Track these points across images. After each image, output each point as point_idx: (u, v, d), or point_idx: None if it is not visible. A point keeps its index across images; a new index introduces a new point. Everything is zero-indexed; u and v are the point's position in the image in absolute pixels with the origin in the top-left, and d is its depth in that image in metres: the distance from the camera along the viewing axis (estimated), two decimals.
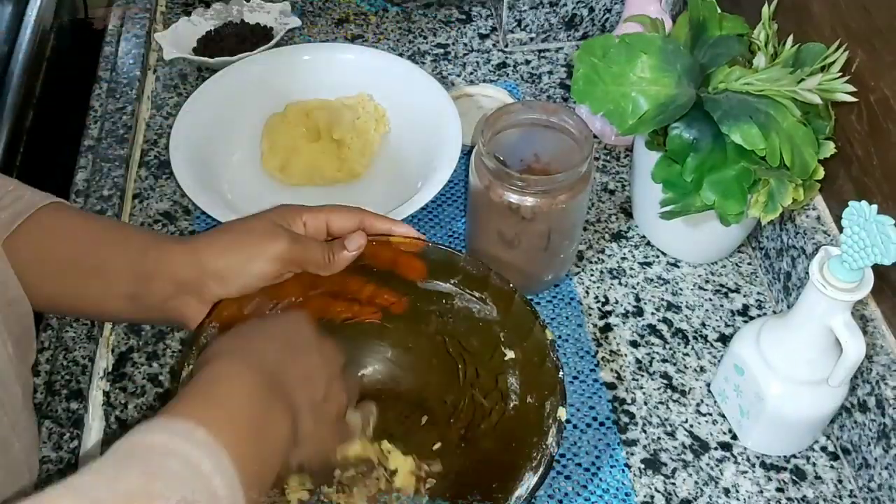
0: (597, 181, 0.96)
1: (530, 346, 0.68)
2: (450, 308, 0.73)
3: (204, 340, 0.64)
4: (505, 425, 0.69)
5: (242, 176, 0.94)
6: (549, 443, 0.62)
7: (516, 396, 0.69)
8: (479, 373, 0.72)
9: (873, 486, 0.71)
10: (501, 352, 0.70)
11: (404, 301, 0.73)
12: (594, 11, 1.08)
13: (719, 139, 0.75)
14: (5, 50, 1.04)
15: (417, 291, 0.73)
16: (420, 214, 0.91)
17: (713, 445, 0.76)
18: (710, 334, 0.83)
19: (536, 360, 0.67)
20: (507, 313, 0.70)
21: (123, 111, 0.99)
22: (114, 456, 0.46)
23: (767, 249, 0.86)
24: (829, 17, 0.79)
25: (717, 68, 0.77)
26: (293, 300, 0.70)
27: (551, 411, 0.64)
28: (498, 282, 0.70)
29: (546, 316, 0.84)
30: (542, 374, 0.66)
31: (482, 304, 0.71)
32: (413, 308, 0.74)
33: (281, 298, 0.69)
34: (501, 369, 0.70)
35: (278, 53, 1.01)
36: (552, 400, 0.64)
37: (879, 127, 0.74)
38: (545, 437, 0.62)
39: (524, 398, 0.68)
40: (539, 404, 0.66)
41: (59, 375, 0.76)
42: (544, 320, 0.68)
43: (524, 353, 0.69)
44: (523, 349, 0.69)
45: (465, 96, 1.01)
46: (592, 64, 0.78)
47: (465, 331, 0.73)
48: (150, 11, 1.12)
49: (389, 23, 1.14)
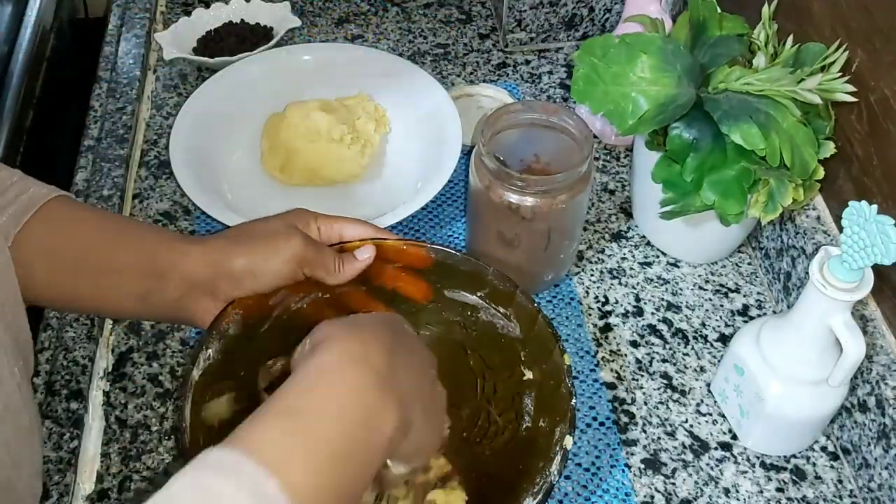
0: (597, 181, 0.96)
1: (549, 368, 0.67)
2: (475, 321, 0.72)
3: (225, 326, 0.64)
4: (515, 446, 0.68)
5: (242, 176, 0.94)
6: (552, 470, 0.61)
7: (530, 418, 0.68)
8: (497, 389, 0.71)
9: (873, 486, 0.71)
10: (521, 371, 0.70)
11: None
12: (594, 11, 1.08)
13: (719, 139, 0.75)
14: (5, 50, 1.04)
15: (444, 300, 0.72)
16: (420, 214, 0.91)
17: (713, 445, 0.76)
18: (710, 334, 0.83)
19: (552, 383, 0.66)
20: (530, 333, 0.69)
21: (123, 111, 0.99)
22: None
23: (767, 249, 0.86)
24: (829, 17, 0.79)
25: (717, 68, 0.77)
26: (320, 295, 0.70)
27: (559, 438, 0.63)
28: (523, 300, 0.69)
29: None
30: (556, 399, 0.65)
31: (506, 321, 0.71)
32: (437, 316, 0.73)
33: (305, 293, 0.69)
34: (519, 388, 0.70)
35: (278, 53, 1.01)
36: (562, 427, 0.63)
37: (879, 127, 0.74)
38: (550, 463, 0.61)
39: (537, 421, 0.67)
40: (550, 429, 0.65)
41: (59, 375, 0.76)
42: (564, 346, 0.67)
43: (542, 375, 0.68)
44: (542, 371, 0.68)
45: (465, 96, 1.01)
46: (592, 64, 0.78)
47: (487, 345, 0.72)
48: (150, 11, 1.12)
49: (389, 23, 1.14)
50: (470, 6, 1.16)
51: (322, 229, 0.69)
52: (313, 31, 1.13)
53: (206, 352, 0.63)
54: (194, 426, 0.60)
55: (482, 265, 0.70)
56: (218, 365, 0.64)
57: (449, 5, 1.16)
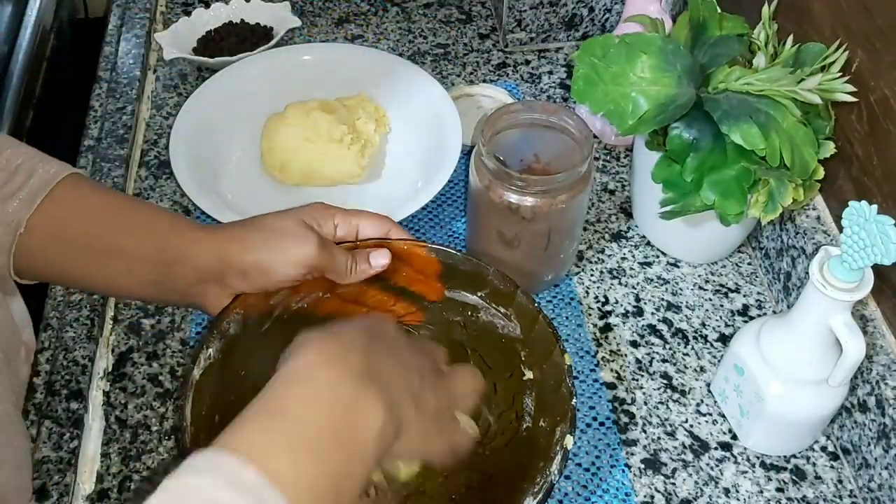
0: (597, 181, 0.96)
1: (549, 368, 0.67)
2: (475, 320, 0.72)
3: (226, 325, 0.64)
4: (516, 446, 0.68)
5: (242, 176, 0.94)
6: (552, 470, 0.61)
7: (530, 418, 0.68)
8: (498, 389, 0.71)
9: (873, 486, 0.71)
10: (521, 371, 0.70)
11: (419, 314, 0.73)
12: (594, 11, 1.08)
13: (719, 139, 0.75)
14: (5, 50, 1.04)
15: (444, 300, 0.72)
16: (420, 214, 0.91)
17: (713, 445, 0.76)
18: (710, 334, 0.83)
19: (553, 383, 0.66)
20: (530, 332, 0.69)
21: (123, 111, 0.99)
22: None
23: (767, 249, 0.86)
24: (829, 17, 0.79)
25: (717, 68, 0.77)
26: (321, 294, 0.70)
27: (560, 438, 0.63)
28: (524, 300, 0.69)
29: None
30: (557, 399, 0.65)
31: (506, 321, 0.71)
32: (438, 316, 0.73)
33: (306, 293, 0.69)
34: (519, 389, 0.70)
35: (278, 53, 1.01)
36: (562, 427, 0.63)
37: (879, 127, 0.74)
38: (550, 463, 0.61)
39: (537, 421, 0.67)
40: (550, 429, 0.65)
41: (59, 375, 0.76)
42: (564, 346, 0.67)
43: (542, 375, 0.68)
44: (542, 371, 0.68)
45: (465, 96, 1.01)
46: (592, 64, 0.78)
47: (487, 345, 0.72)
48: (150, 11, 1.12)
49: (389, 23, 1.14)
50: (470, 6, 1.16)
51: (340, 226, 0.69)
52: (313, 31, 1.13)
53: (206, 351, 0.63)
54: (195, 426, 0.60)
55: (483, 265, 0.70)
56: (219, 364, 0.64)
57: (449, 5, 1.16)
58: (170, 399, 0.78)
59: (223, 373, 0.65)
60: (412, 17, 1.15)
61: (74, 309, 0.81)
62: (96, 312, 0.81)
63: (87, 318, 0.80)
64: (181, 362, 0.80)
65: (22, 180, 0.63)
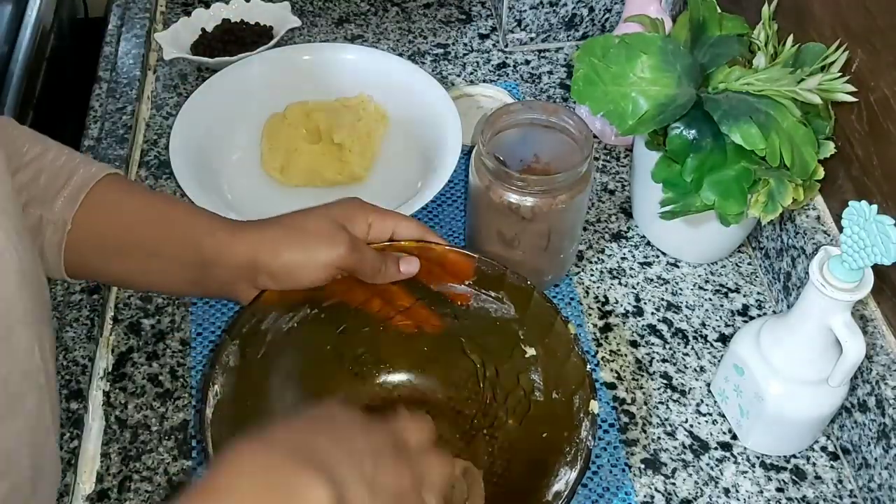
0: (597, 181, 0.96)
1: (552, 341, 0.69)
2: (465, 310, 0.73)
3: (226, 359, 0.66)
4: (531, 423, 0.69)
5: (242, 176, 0.94)
6: (584, 436, 0.62)
7: (540, 393, 0.69)
8: (500, 372, 0.72)
9: (873, 486, 0.71)
10: (521, 350, 0.71)
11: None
12: (594, 11, 1.08)
13: (719, 139, 0.75)
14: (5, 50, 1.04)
15: (431, 294, 0.73)
16: (420, 214, 0.91)
17: (713, 445, 0.76)
18: (710, 334, 0.84)
19: (560, 355, 0.68)
20: (526, 311, 0.70)
21: (123, 111, 0.99)
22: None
23: (767, 249, 0.86)
24: (829, 17, 0.79)
25: (717, 68, 0.77)
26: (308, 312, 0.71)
27: (581, 405, 0.64)
28: (515, 280, 0.70)
29: None
30: (568, 369, 0.67)
31: (499, 304, 0.72)
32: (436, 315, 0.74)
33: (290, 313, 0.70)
34: (522, 367, 0.71)
35: (278, 53, 1.01)
36: (581, 394, 0.64)
37: (879, 127, 0.74)
38: (577, 430, 0.63)
39: (549, 394, 0.69)
40: (566, 399, 0.66)
41: (59, 375, 0.76)
42: (566, 316, 0.68)
43: (546, 350, 0.69)
44: (545, 345, 0.69)
45: (465, 96, 1.01)
46: (592, 64, 0.78)
47: (482, 331, 0.73)
48: (150, 11, 1.12)
49: (389, 23, 1.14)
50: (470, 6, 1.16)
51: (374, 227, 0.70)
52: (313, 31, 1.13)
53: (213, 388, 0.64)
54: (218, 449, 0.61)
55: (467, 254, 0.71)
56: (227, 398, 0.65)
57: (449, 5, 1.16)
58: (170, 399, 0.78)
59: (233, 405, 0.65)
60: (412, 17, 1.15)
61: (74, 309, 0.81)
62: (96, 312, 0.81)
63: (87, 318, 0.80)
64: (181, 362, 0.80)
65: (64, 180, 0.65)
